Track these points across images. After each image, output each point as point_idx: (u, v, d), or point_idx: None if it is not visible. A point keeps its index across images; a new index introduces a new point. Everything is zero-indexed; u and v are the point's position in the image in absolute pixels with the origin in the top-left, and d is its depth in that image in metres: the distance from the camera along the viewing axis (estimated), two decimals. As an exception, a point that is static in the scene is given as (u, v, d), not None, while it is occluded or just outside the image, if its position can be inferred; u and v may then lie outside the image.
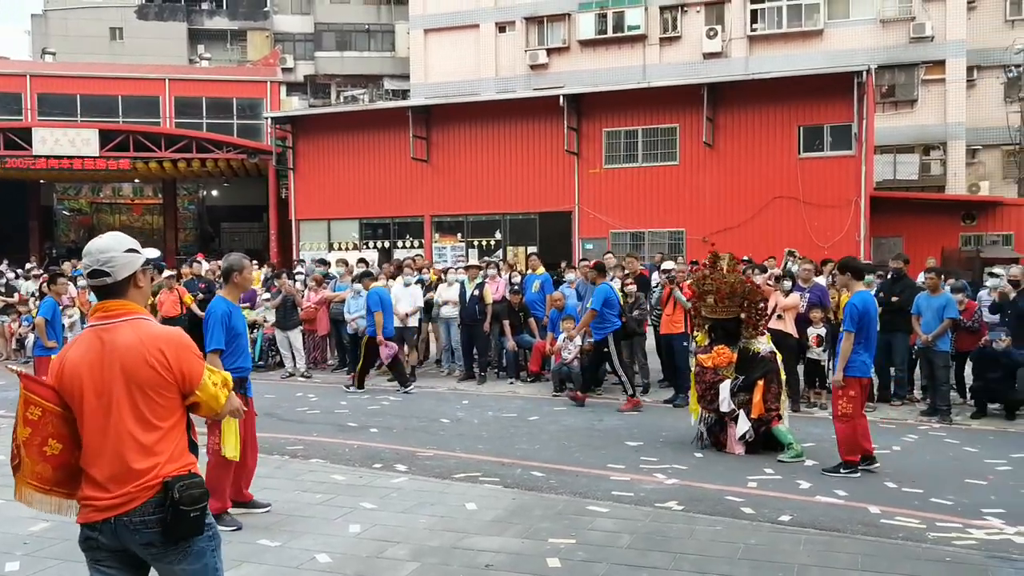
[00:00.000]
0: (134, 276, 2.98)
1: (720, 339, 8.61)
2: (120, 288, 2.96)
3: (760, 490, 7.02)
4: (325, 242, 26.19)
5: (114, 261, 2.94)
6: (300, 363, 13.91)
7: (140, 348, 2.85)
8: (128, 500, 2.81)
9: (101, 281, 2.94)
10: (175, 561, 2.87)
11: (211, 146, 27.59)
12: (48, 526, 5.79)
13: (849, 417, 7.47)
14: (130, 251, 2.99)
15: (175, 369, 2.88)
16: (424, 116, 24.99)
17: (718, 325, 8.66)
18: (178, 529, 2.81)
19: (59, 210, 35.69)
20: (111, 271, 2.93)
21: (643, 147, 22.99)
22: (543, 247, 22.24)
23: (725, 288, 8.58)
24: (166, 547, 2.84)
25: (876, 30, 28.64)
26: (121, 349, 2.85)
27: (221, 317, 5.94)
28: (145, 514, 2.81)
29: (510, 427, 9.75)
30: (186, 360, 2.92)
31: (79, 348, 2.92)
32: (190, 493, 2.82)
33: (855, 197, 21.02)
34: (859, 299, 7.56)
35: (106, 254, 2.94)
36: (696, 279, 9.05)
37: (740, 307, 8.58)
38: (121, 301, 2.95)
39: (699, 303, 8.91)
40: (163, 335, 2.93)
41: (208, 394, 2.97)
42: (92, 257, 2.95)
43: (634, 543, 5.46)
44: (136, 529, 2.81)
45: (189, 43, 40.09)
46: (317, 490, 6.74)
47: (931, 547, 5.48)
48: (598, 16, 31.15)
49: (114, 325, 2.90)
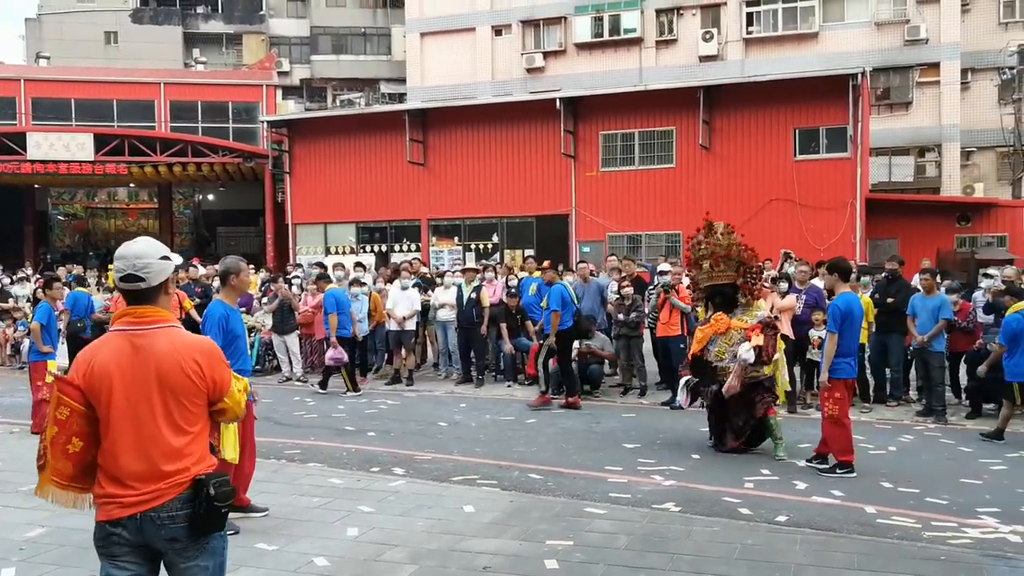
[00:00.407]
0: (166, 283, 3.07)
1: (719, 307, 8.63)
2: (153, 294, 3.03)
3: (757, 491, 7.04)
4: (322, 246, 26.18)
5: (150, 267, 3.01)
6: (297, 367, 13.91)
7: (176, 356, 2.95)
8: (157, 496, 2.89)
9: (135, 286, 3.00)
10: (193, 556, 2.95)
11: (207, 150, 27.56)
12: (44, 532, 5.79)
13: (837, 419, 7.49)
14: (164, 258, 3.07)
15: (208, 378, 2.99)
16: (420, 120, 25.01)
17: (716, 292, 8.65)
18: (208, 524, 2.93)
19: (54, 215, 35.62)
20: (146, 277, 3.00)
21: (639, 150, 23.04)
22: (540, 250, 22.25)
23: (720, 251, 8.56)
24: (189, 542, 2.93)
25: (871, 33, 28.75)
26: (157, 356, 2.93)
27: (219, 320, 5.94)
28: (173, 510, 2.90)
29: (508, 430, 9.76)
30: (218, 370, 3.04)
31: (109, 351, 2.97)
32: (223, 490, 2.94)
33: (851, 199, 21.08)
34: (843, 300, 7.58)
35: (142, 259, 3.00)
36: (692, 244, 8.88)
37: (736, 272, 8.58)
38: (152, 307, 3.03)
39: (696, 272, 8.82)
40: (197, 345, 3.04)
41: (234, 400, 3.10)
42: (128, 262, 3.00)
43: (631, 544, 5.48)
44: (163, 524, 2.89)
45: (184, 47, 40.06)
46: (315, 494, 6.74)
47: (927, 546, 5.50)
48: (594, 19, 31.22)
49: (148, 332, 2.98)
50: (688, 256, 8.98)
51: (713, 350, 8.43)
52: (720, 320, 8.50)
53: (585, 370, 12.01)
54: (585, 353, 12.04)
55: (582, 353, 12.00)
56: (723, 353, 8.38)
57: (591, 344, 12.11)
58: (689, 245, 8.96)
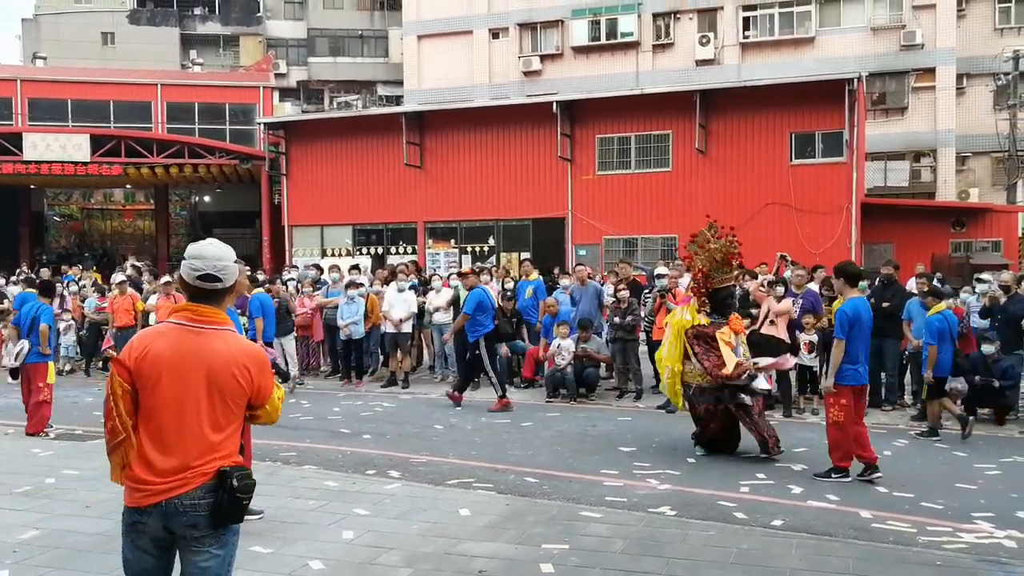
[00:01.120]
0: (235, 284, 3.29)
1: (730, 309, 8.62)
2: (223, 295, 3.26)
3: (753, 495, 7.04)
4: (318, 248, 26.14)
5: (228, 270, 3.23)
6: (293, 369, 13.86)
7: (230, 359, 3.12)
8: (182, 484, 3.04)
9: (212, 286, 3.19)
10: (208, 544, 3.08)
11: (203, 151, 27.52)
12: (38, 534, 5.78)
13: (841, 424, 7.40)
14: (237, 261, 3.30)
15: (255, 384, 3.17)
16: (417, 122, 25.01)
17: (730, 293, 8.72)
18: (230, 514, 3.07)
19: (50, 216, 35.53)
20: (223, 278, 3.21)
21: (636, 153, 23.06)
22: (536, 253, 22.26)
23: (718, 254, 8.57)
24: (207, 530, 3.07)
25: (867, 38, 28.83)
26: (211, 356, 3.10)
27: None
28: (196, 498, 3.04)
29: (503, 433, 9.76)
30: (265, 378, 3.22)
31: (166, 340, 3.13)
32: (246, 483, 3.09)
33: (846, 203, 21.12)
34: (851, 306, 7.46)
35: (222, 262, 3.21)
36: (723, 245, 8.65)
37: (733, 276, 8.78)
38: (215, 308, 3.21)
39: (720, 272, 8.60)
40: (249, 352, 3.21)
41: (273, 407, 3.30)
42: (208, 263, 3.18)
43: (627, 548, 5.48)
44: (185, 511, 3.03)
45: (181, 48, 40.04)
46: (310, 496, 6.73)
47: (922, 551, 5.52)
48: (591, 23, 31.26)
49: (206, 331, 3.15)
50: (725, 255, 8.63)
51: (742, 350, 8.37)
52: (738, 319, 8.52)
53: (581, 373, 12.01)
54: (581, 356, 12.05)
55: (578, 356, 12.01)
56: (748, 354, 8.42)
57: (587, 347, 12.12)
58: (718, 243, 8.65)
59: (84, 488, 6.98)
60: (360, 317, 13.42)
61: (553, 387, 12.03)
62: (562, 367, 11.91)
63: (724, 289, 8.65)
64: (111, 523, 3.43)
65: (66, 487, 7.06)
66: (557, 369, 11.95)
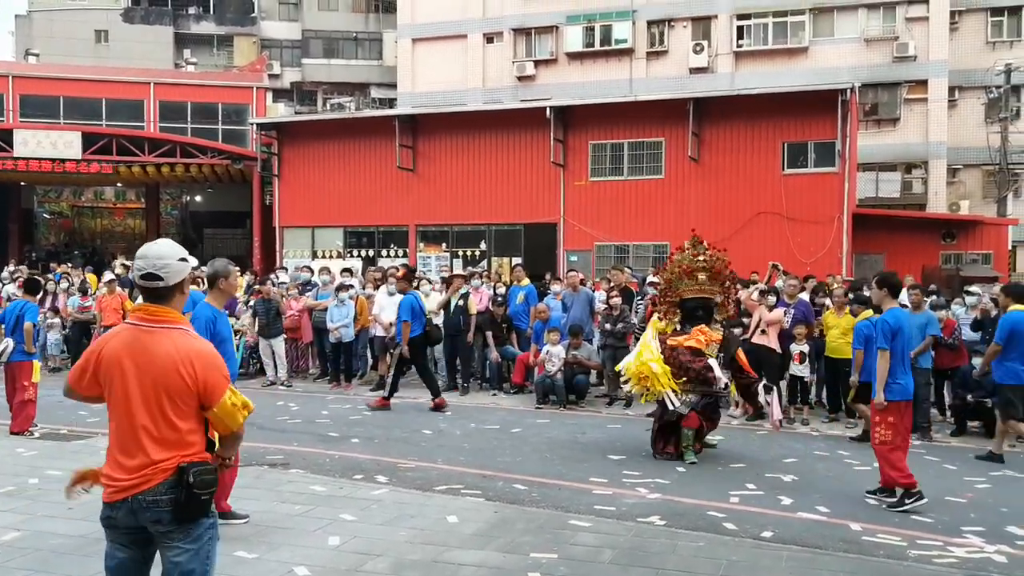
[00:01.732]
0: (182, 283, 3.29)
1: (698, 320, 8.84)
2: (168, 294, 3.26)
3: (742, 505, 7.01)
4: (309, 249, 26.04)
5: (168, 268, 3.24)
6: (282, 372, 13.80)
7: (175, 357, 3.15)
8: (144, 480, 3.12)
9: (153, 284, 3.23)
10: (177, 539, 3.16)
11: (195, 151, 27.38)
12: (18, 536, 5.70)
13: (890, 443, 7.01)
14: (182, 259, 3.30)
15: (200, 381, 3.17)
16: (410, 125, 24.96)
17: (701, 305, 8.88)
18: (188, 509, 3.13)
19: (40, 213, 35.27)
20: (164, 276, 3.23)
21: (629, 160, 23.04)
22: (528, 258, 22.20)
23: (719, 266, 8.92)
24: (172, 525, 3.14)
25: (860, 49, 28.93)
26: (159, 354, 3.15)
27: (206, 323, 5.86)
28: (158, 494, 3.11)
29: (492, 439, 9.71)
30: (212, 376, 3.20)
31: (119, 340, 3.23)
32: (203, 478, 3.13)
33: (838, 214, 21.15)
34: (891, 316, 7.10)
35: (162, 260, 3.24)
36: (687, 258, 9.04)
37: (722, 287, 8.99)
38: (165, 308, 3.25)
39: (687, 281, 8.92)
40: (196, 349, 3.22)
41: (224, 411, 3.23)
42: (148, 261, 3.23)
43: (616, 558, 5.44)
44: (148, 507, 3.11)
45: (175, 47, 39.90)
46: (296, 501, 6.66)
47: (912, 565, 5.49)
48: (586, 29, 31.28)
49: (156, 330, 3.20)
50: (687, 268, 8.95)
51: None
52: (704, 332, 8.72)
53: (571, 380, 11.97)
54: (572, 363, 12.01)
55: (568, 363, 11.97)
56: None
57: (578, 354, 12.08)
58: (681, 255, 9.12)
59: (67, 490, 6.89)
60: (350, 320, 13.36)
61: (543, 393, 11.98)
62: (552, 373, 11.87)
63: (693, 300, 8.88)
64: (94, 525, 3.39)
65: (50, 488, 6.97)
66: (547, 375, 11.91)
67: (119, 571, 3.26)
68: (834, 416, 10.96)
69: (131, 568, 3.27)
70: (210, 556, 3.26)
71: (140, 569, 3.29)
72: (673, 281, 9.01)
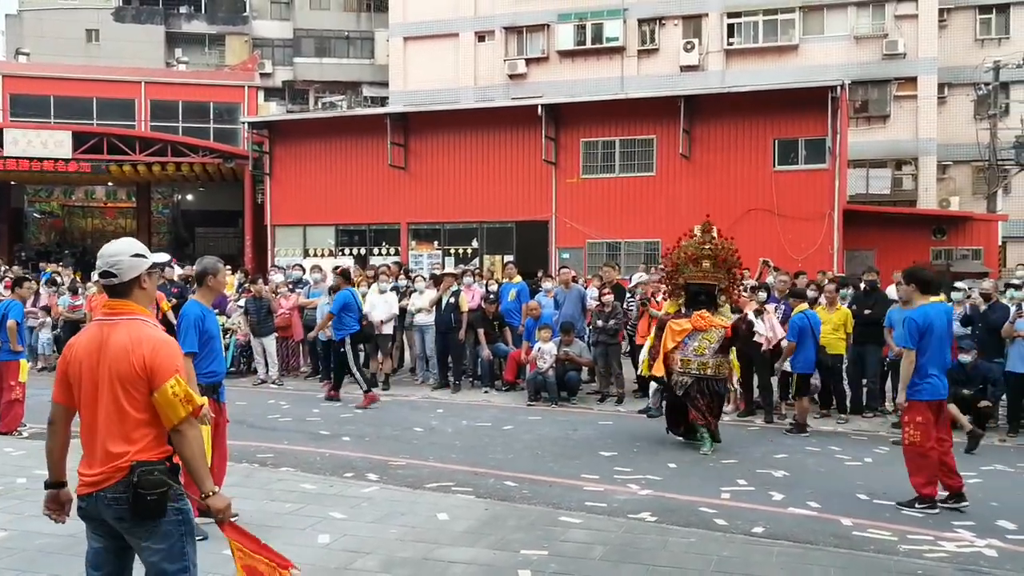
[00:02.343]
0: (139, 279, 3.35)
1: (700, 304, 9.04)
2: (125, 289, 3.33)
3: (733, 501, 7.02)
4: (301, 248, 25.99)
5: (120, 264, 3.31)
6: (273, 370, 13.76)
7: (128, 345, 3.20)
8: (105, 478, 3.17)
9: (109, 281, 3.32)
10: (143, 537, 3.20)
11: (186, 150, 27.28)
12: (5, 536, 5.67)
13: (918, 446, 6.74)
14: (136, 256, 3.35)
15: (148, 366, 3.18)
16: (402, 123, 24.92)
17: (704, 290, 9.10)
18: (138, 509, 3.14)
19: (30, 212, 35.12)
20: (117, 273, 3.31)
21: (620, 158, 23.06)
22: (520, 256, 22.21)
23: (724, 254, 9.11)
24: (133, 523, 3.18)
25: (850, 46, 28.99)
26: (114, 344, 3.21)
27: (194, 320, 5.83)
28: (117, 492, 3.16)
29: (484, 436, 9.69)
30: (159, 362, 3.19)
31: (84, 336, 3.33)
32: (148, 479, 3.14)
33: (829, 210, 21.20)
34: (920, 313, 6.79)
35: (114, 257, 3.32)
36: (695, 244, 9.27)
37: (727, 276, 9.20)
38: (124, 301, 3.33)
39: (692, 268, 9.16)
40: (151, 337, 3.25)
41: (166, 399, 3.18)
42: (103, 259, 3.32)
43: (607, 555, 5.43)
44: (108, 504, 3.17)
45: (166, 47, 39.71)
46: (286, 499, 6.64)
47: (903, 560, 5.50)
48: (577, 27, 31.26)
49: (115, 323, 3.28)
50: (692, 255, 9.19)
51: (693, 345, 8.84)
52: (704, 318, 8.88)
53: (563, 377, 11.97)
54: (563, 360, 12.01)
55: (560, 360, 11.97)
56: (703, 349, 8.83)
57: (569, 351, 12.08)
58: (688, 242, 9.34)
59: (56, 489, 6.85)
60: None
61: (535, 390, 11.97)
62: (544, 370, 11.85)
63: (697, 286, 9.12)
64: (81, 525, 3.37)
65: (38, 488, 6.88)
66: (539, 372, 11.89)
67: (97, 560, 3.31)
68: (825, 412, 10.98)
69: (107, 558, 3.31)
70: (185, 554, 3.26)
71: (117, 558, 3.32)
72: (679, 265, 9.23)
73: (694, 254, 9.16)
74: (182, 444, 3.22)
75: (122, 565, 3.33)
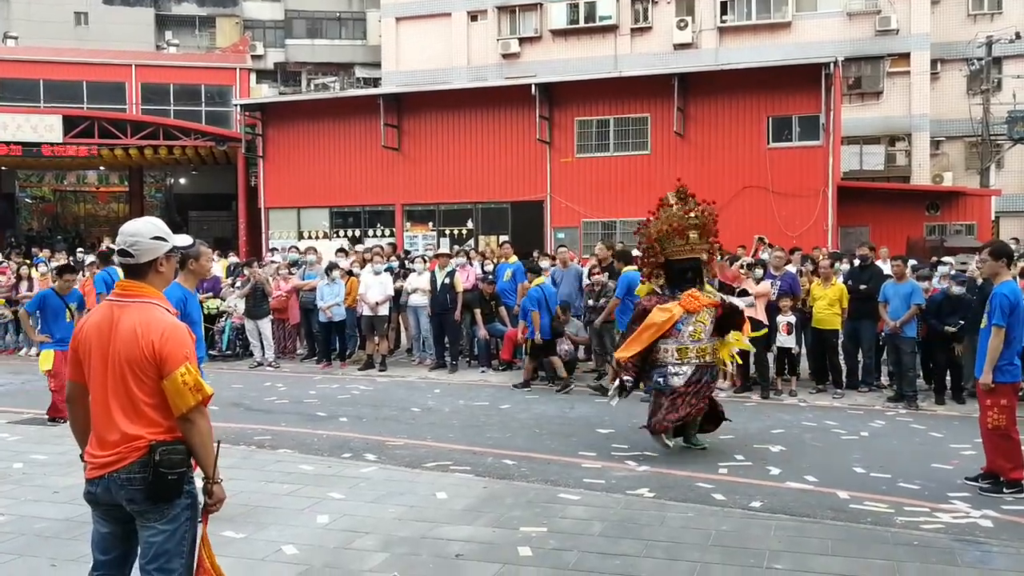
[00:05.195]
0: (156, 261, 3.30)
1: (688, 283, 7.93)
2: (141, 270, 3.29)
3: (731, 476, 7.05)
4: (295, 230, 25.92)
5: (139, 245, 3.26)
6: (269, 352, 13.75)
7: (139, 329, 3.15)
8: (119, 459, 3.14)
9: (125, 261, 3.28)
10: (153, 519, 3.17)
11: (179, 133, 27.14)
12: (4, 520, 5.66)
13: (1003, 430, 6.52)
14: (157, 238, 3.30)
15: (158, 352, 3.13)
16: (395, 104, 24.79)
17: (691, 266, 7.97)
18: (157, 489, 3.12)
19: (21, 197, 34.91)
20: (135, 253, 3.26)
21: (614, 136, 23.00)
22: (515, 236, 22.16)
23: (707, 222, 7.98)
24: (146, 504, 3.15)
25: (843, 23, 28.88)
26: (126, 327, 3.17)
27: (176, 304, 5.75)
28: (132, 472, 3.13)
29: (481, 415, 9.71)
30: (169, 349, 3.14)
31: (96, 316, 3.28)
32: (170, 458, 3.13)
33: (823, 187, 21.20)
34: (1010, 289, 6.52)
35: (133, 237, 3.26)
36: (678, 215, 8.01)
37: (708, 245, 8.10)
38: (139, 283, 3.28)
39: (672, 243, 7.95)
40: (162, 322, 3.20)
41: (175, 387, 3.13)
42: (122, 238, 3.27)
43: (606, 530, 5.45)
44: (122, 485, 3.13)
45: (156, 29, 39.36)
46: (284, 481, 6.64)
47: (899, 531, 5.53)
48: (570, 6, 31.07)
49: (128, 304, 3.23)
50: (678, 227, 7.93)
51: (688, 330, 7.72)
52: (696, 298, 7.80)
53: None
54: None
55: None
56: (699, 333, 7.76)
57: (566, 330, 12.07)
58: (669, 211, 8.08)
59: (53, 473, 6.86)
60: (341, 298, 13.30)
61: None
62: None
63: (683, 262, 7.96)
64: (79, 508, 3.40)
65: (34, 472, 6.94)
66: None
67: (102, 544, 3.30)
68: (821, 387, 11.01)
69: (113, 543, 3.30)
70: (185, 537, 3.25)
71: (123, 543, 3.31)
72: (661, 240, 7.99)
73: (679, 225, 7.91)
74: (191, 432, 3.20)
75: (129, 547, 3.32)
